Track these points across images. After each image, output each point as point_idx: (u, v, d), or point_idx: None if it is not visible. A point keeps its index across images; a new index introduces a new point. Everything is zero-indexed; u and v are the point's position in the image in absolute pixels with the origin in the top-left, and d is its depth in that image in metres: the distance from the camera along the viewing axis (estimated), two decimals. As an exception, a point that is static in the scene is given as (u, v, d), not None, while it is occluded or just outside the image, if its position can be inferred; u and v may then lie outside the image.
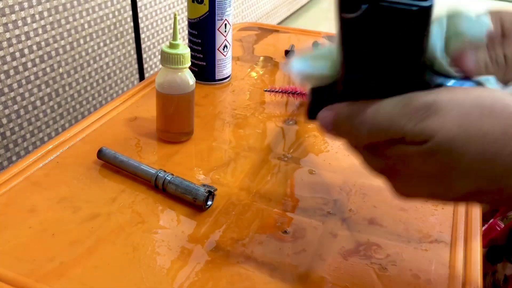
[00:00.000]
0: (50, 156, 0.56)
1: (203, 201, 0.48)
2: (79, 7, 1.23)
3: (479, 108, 0.29)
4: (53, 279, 0.40)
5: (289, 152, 0.60)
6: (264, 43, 0.95)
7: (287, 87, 0.73)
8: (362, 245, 0.46)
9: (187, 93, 0.58)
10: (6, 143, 1.13)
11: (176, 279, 0.41)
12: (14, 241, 0.44)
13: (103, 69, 1.38)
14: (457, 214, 0.50)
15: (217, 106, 0.71)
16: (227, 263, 0.43)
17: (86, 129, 0.62)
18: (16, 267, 0.41)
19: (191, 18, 0.73)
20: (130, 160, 0.54)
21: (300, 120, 0.67)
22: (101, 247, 0.44)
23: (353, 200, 0.52)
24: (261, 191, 0.53)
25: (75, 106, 1.31)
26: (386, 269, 0.43)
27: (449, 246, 0.46)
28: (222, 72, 0.76)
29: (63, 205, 0.49)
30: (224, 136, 0.64)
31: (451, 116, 0.29)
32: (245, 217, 0.49)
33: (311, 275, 0.42)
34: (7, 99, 1.09)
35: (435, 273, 0.43)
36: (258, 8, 2.51)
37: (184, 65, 0.57)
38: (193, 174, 0.55)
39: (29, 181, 0.52)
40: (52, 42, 1.17)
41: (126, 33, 1.43)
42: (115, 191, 0.51)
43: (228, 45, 0.75)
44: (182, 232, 0.46)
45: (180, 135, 0.61)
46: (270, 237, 0.46)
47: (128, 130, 0.62)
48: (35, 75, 1.15)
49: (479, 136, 0.29)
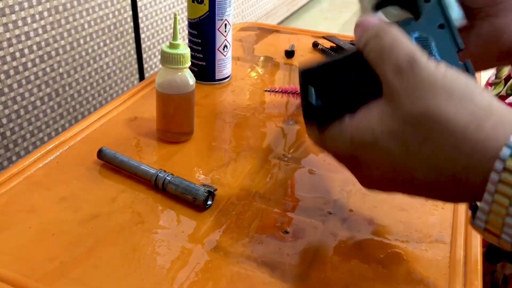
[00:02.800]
0: (50, 156, 0.56)
1: (203, 201, 0.48)
2: (79, 7, 1.23)
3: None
4: (53, 279, 0.40)
5: (289, 152, 0.60)
6: (264, 43, 0.95)
7: (287, 87, 0.73)
8: (362, 245, 0.46)
9: (187, 93, 0.58)
10: (6, 143, 1.13)
11: (176, 279, 0.41)
12: (14, 241, 0.44)
13: (103, 69, 1.38)
14: (457, 214, 0.50)
15: (217, 106, 0.71)
16: (227, 263, 0.43)
17: (86, 129, 0.62)
18: (16, 267, 0.41)
19: (191, 18, 0.73)
20: (130, 160, 0.54)
21: (300, 120, 0.67)
22: (101, 247, 0.44)
23: (353, 200, 0.52)
24: (261, 191, 0.53)
25: (75, 106, 1.31)
26: (386, 269, 0.43)
27: (449, 246, 0.46)
28: (222, 72, 0.76)
29: (63, 205, 0.49)
30: (224, 136, 0.63)
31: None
32: (245, 217, 0.49)
33: (311, 275, 0.43)
34: (7, 99, 1.09)
35: (435, 273, 0.43)
36: (258, 8, 2.51)
37: (184, 65, 0.57)
38: (193, 174, 0.55)
39: (29, 181, 0.52)
40: (52, 42, 1.17)
41: (126, 33, 1.43)
42: (115, 191, 0.51)
43: (228, 45, 0.75)
44: (182, 232, 0.46)
45: (180, 135, 0.61)
46: (270, 237, 0.46)
47: (128, 130, 0.62)
48: (35, 75, 1.15)
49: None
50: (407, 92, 0.32)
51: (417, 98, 0.31)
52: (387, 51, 0.34)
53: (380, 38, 0.35)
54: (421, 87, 0.31)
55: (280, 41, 0.96)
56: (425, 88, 0.31)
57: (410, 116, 0.32)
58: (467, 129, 0.30)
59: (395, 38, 0.34)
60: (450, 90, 0.31)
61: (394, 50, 0.33)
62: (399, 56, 0.33)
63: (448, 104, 0.31)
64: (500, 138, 0.29)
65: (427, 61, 0.33)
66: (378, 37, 0.35)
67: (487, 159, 0.29)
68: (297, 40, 0.96)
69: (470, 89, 0.31)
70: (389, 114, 0.33)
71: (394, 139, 0.32)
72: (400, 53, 0.33)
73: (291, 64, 0.86)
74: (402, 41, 0.34)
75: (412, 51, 0.33)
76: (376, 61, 0.34)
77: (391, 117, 0.32)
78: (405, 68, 0.32)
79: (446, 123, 0.30)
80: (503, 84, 0.82)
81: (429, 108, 0.31)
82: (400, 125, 0.32)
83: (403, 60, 0.33)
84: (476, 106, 0.30)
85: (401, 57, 0.33)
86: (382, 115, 0.33)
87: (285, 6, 2.95)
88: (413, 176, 0.33)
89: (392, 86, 0.33)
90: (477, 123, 0.30)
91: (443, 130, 0.30)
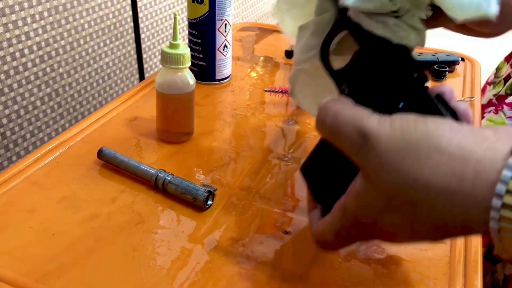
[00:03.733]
0: (50, 156, 0.56)
1: (203, 201, 0.48)
2: (79, 7, 1.23)
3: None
4: (53, 279, 0.40)
5: (289, 152, 0.60)
6: (264, 43, 0.95)
7: (287, 87, 0.73)
8: (362, 245, 0.46)
9: (187, 93, 0.58)
10: (6, 143, 1.13)
11: (176, 279, 0.41)
12: (14, 241, 0.44)
13: (103, 69, 1.38)
14: (457, 214, 0.50)
15: (217, 106, 0.71)
16: (227, 263, 0.43)
17: (86, 129, 0.62)
18: (16, 267, 0.41)
19: (191, 18, 0.73)
20: (130, 160, 0.54)
21: (300, 120, 0.67)
22: (101, 247, 0.44)
23: (353, 200, 0.52)
24: (261, 191, 0.53)
25: (75, 106, 1.31)
26: (386, 269, 0.43)
27: (449, 246, 0.46)
28: (222, 72, 0.76)
29: (63, 205, 0.49)
30: (224, 136, 0.63)
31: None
32: (245, 217, 0.49)
33: (311, 275, 0.42)
34: (7, 99, 1.09)
35: (435, 273, 0.43)
36: (258, 8, 2.51)
37: (184, 65, 0.57)
38: (193, 174, 0.55)
39: (29, 181, 0.52)
40: (52, 42, 1.17)
41: (126, 33, 1.43)
42: (115, 191, 0.51)
43: (228, 45, 0.75)
44: (182, 232, 0.46)
45: (180, 135, 0.61)
46: (270, 237, 0.46)
47: (128, 130, 0.62)
48: (35, 75, 1.15)
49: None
50: (376, 169, 0.31)
51: (387, 172, 0.30)
52: (335, 134, 0.33)
53: (323, 122, 0.34)
54: (385, 160, 0.30)
55: (280, 41, 0.96)
56: (389, 159, 0.30)
57: (390, 191, 0.31)
58: (450, 186, 0.28)
59: (335, 116, 0.33)
60: (415, 150, 0.29)
61: (340, 131, 0.32)
62: (348, 135, 0.32)
63: (419, 167, 0.29)
64: (485, 187, 0.28)
65: (377, 126, 0.31)
66: (322, 121, 0.34)
67: (482, 210, 0.28)
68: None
69: (434, 139, 0.29)
70: (371, 193, 0.32)
71: (390, 212, 0.32)
72: (348, 130, 0.32)
73: (291, 64, 0.86)
74: (344, 115, 0.32)
75: (358, 122, 0.31)
76: (335, 145, 0.34)
77: (375, 196, 0.31)
78: (360, 146, 0.31)
79: (427, 187, 0.29)
80: (502, 84, 0.82)
81: (403, 179, 0.30)
82: (386, 200, 0.31)
83: (354, 138, 0.31)
84: (448, 156, 0.29)
85: (350, 134, 0.32)
86: (367, 194, 0.32)
87: (285, 6, 2.94)
88: (423, 235, 0.32)
89: (360, 165, 0.32)
90: (457, 176, 0.28)
91: (427, 194, 0.29)
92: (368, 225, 0.33)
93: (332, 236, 0.36)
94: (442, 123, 0.30)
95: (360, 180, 0.33)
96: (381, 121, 0.31)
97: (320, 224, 0.38)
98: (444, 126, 0.30)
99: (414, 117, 0.31)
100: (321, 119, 0.34)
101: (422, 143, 0.29)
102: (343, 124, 0.32)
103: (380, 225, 0.33)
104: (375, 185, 0.31)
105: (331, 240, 0.37)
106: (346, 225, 0.35)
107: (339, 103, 0.34)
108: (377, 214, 0.32)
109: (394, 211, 0.31)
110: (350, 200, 0.34)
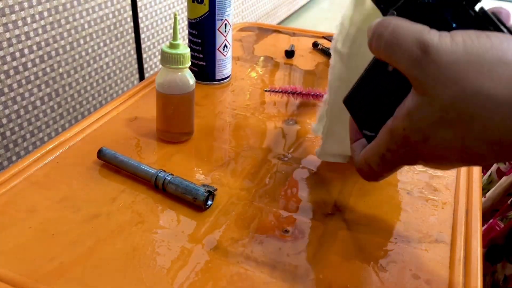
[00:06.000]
0: (50, 156, 0.56)
1: (203, 201, 0.48)
2: (79, 7, 1.23)
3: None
4: (53, 279, 0.40)
5: (289, 152, 0.60)
6: (264, 43, 0.95)
7: (287, 87, 0.73)
8: (362, 245, 0.46)
9: (187, 93, 0.58)
10: (6, 143, 1.13)
11: (176, 279, 0.41)
12: (14, 241, 0.44)
13: (103, 69, 1.38)
14: (457, 214, 0.50)
15: (217, 106, 0.71)
16: (227, 263, 0.43)
17: (86, 129, 0.62)
18: (16, 267, 0.41)
19: (191, 18, 0.73)
20: (130, 160, 0.54)
21: (300, 120, 0.67)
22: (101, 247, 0.44)
23: (353, 200, 0.52)
24: (261, 191, 0.53)
25: (75, 106, 1.31)
26: (386, 269, 0.43)
27: (449, 246, 0.46)
28: (222, 72, 0.76)
29: (63, 205, 0.49)
30: (224, 136, 0.63)
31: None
32: (245, 217, 0.49)
33: (311, 275, 0.42)
34: (7, 99, 1.09)
35: (435, 273, 0.43)
36: (258, 8, 2.51)
37: (184, 65, 0.57)
38: (193, 174, 0.55)
39: (29, 181, 0.52)
40: (52, 42, 1.17)
41: (126, 33, 1.43)
42: (115, 191, 0.51)
43: (228, 45, 0.75)
44: (182, 232, 0.46)
45: (180, 135, 0.61)
46: (270, 237, 0.46)
47: (128, 130, 0.62)
48: (35, 75, 1.15)
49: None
50: (434, 82, 0.30)
51: (447, 85, 0.29)
52: (394, 47, 0.32)
53: (381, 36, 0.33)
54: (446, 72, 0.29)
55: (280, 41, 0.96)
56: (450, 72, 0.29)
57: (446, 105, 0.30)
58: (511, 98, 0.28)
59: (394, 29, 0.32)
60: (478, 62, 0.29)
61: (399, 43, 0.31)
62: (407, 47, 0.31)
63: (481, 79, 0.28)
64: None
65: (438, 39, 0.30)
66: (379, 36, 0.33)
67: None
68: (297, 40, 0.96)
69: (496, 50, 0.29)
70: (426, 108, 0.31)
71: (443, 127, 0.31)
72: (407, 43, 0.31)
73: (291, 64, 0.86)
74: (404, 28, 0.32)
75: (418, 35, 0.30)
76: (390, 61, 0.33)
77: (430, 110, 0.31)
78: (420, 58, 0.30)
79: (488, 99, 0.28)
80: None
81: (463, 92, 0.29)
82: (441, 114, 0.30)
83: (414, 51, 0.31)
84: (510, 68, 0.28)
85: (409, 47, 0.31)
86: (421, 109, 0.31)
87: (285, 6, 2.95)
88: (473, 152, 0.31)
89: (416, 79, 0.31)
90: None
91: (486, 106, 0.29)
92: (417, 144, 0.33)
93: (377, 160, 0.36)
94: (506, 37, 0.29)
95: (413, 96, 0.32)
96: (442, 35, 0.30)
97: (365, 151, 0.37)
98: (508, 40, 0.29)
99: (476, 31, 0.30)
100: (378, 32, 0.33)
101: (486, 56, 0.29)
102: (403, 37, 0.31)
103: (430, 142, 0.32)
104: (431, 99, 0.31)
105: (376, 165, 0.36)
106: (393, 147, 0.34)
107: (396, 19, 0.33)
108: (429, 130, 0.31)
109: (448, 126, 0.31)
110: (399, 120, 0.33)
